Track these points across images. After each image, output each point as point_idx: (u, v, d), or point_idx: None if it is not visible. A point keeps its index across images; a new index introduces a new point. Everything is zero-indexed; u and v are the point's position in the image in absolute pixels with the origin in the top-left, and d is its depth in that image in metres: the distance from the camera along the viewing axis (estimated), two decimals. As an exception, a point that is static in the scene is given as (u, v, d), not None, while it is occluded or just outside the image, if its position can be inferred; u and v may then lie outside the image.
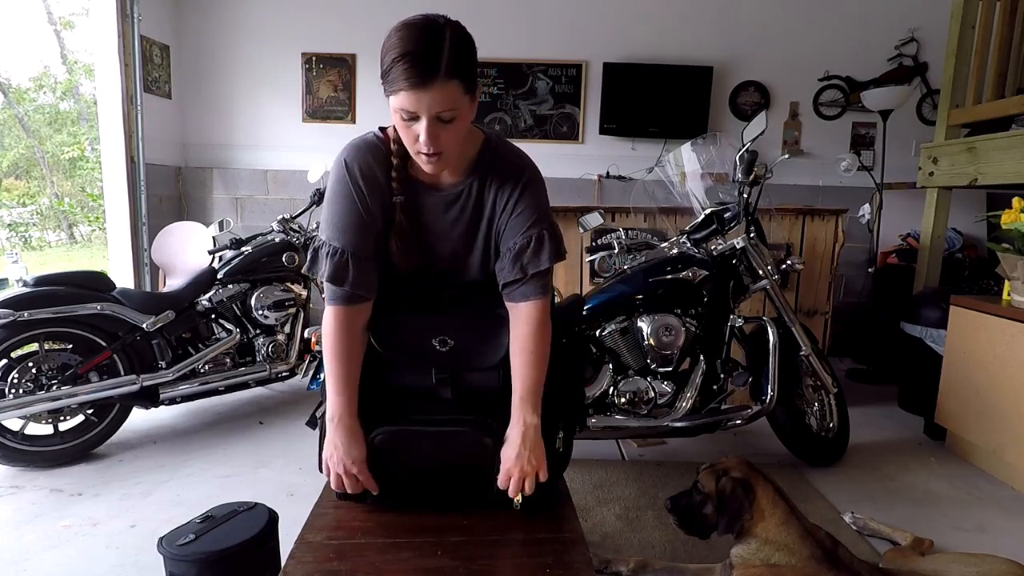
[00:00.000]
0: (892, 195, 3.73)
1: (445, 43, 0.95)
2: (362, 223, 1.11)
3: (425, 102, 0.96)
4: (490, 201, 1.15)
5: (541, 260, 1.12)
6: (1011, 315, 2.20)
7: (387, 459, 1.08)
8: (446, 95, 0.96)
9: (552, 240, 1.14)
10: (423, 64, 0.94)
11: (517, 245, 1.12)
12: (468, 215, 1.16)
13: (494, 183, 1.14)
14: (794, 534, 1.31)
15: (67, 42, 11.03)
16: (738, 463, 1.44)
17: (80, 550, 1.73)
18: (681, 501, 1.46)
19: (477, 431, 1.08)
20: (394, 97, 0.97)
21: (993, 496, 2.16)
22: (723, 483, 1.40)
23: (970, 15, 2.99)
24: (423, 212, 1.16)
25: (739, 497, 1.36)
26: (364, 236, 1.12)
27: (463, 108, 1.00)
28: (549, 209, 1.18)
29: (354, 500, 1.13)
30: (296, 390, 3.15)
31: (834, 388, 2.34)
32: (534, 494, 1.09)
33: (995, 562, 1.38)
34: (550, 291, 1.18)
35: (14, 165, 10.50)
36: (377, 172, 1.11)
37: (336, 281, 1.10)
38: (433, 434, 1.08)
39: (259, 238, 2.83)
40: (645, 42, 3.95)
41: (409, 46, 0.94)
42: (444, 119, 0.99)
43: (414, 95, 0.95)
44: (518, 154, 1.18)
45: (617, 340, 2.16)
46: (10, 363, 2.20)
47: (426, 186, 1.15)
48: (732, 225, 2.24)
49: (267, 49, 4.00)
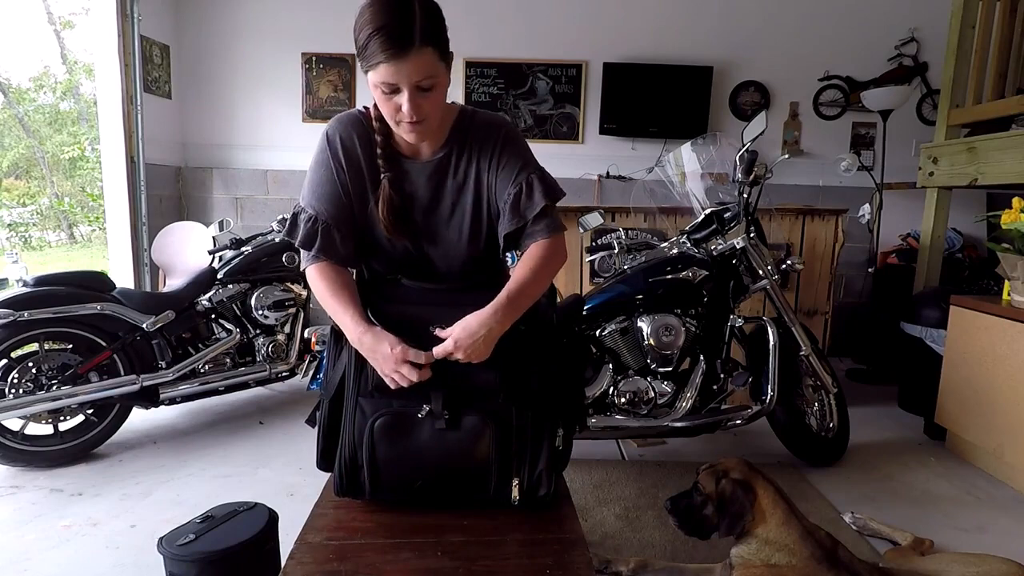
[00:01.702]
0: (892, 195, 3.73)
1: (416, 12, 0.98)
2: (336, 194, 1.16)
3: (405, 72, 0.99)
4: (474, 164, 1.18)
5: (535, 201, 1.15)
6: (1011, 315, 2.20)
7: (386, 444, 1.08)
8: (424, 63, 0.99)
9: (542, 181, 1.17)
10: (398, 35, 0.97)
11: (511, 195, 1.16)
12: (451, 181, 1.19)
13: (474, 147, 1.17)
14: (794, 534, 1.31)
15: (67, 42, 11.05)
16: (738, 464, 1.44)
17: (80, 550, 1.73)
18: (681, 502, 1.46)
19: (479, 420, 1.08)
20: (373, 72, 1.00)
21: (993, 496, 2.16)
22: (723, 485, 1.40)
23: (970, 15, 2.99)
24: (407, 184, 1.18)
25: (740, 499, 1.36)
26: (339, 207, 1.16)
27: (440, 75, 1.04)
28: (532, 156, 1.21)
29: (353, 497, 1.12)
30: (296, 390, 3.15)
31: (834, 388, 2.34)
32: (532, 493, 1.09)
33: (995, 562, 1.38)
34: (560, 229, 1.19)
35: (14, 165, 10.51)
36: (358, 147, 1.16)
37: (307, 246, 1.15)
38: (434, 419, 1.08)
39: (259, 238, 2.83)
40: (645, 42, 3.95)
41: (382, 19, 0.97)
42: (424, 87, 1.02)
43: (393, 66, 0.98)
44: (492, 115, 1.22)
45: (617, 340, 2.16)
46: (10, 363, 2.20)
47: (407, 158, 1.18)
48: (732, 225, 2.24)
49: (267, 49, 4.00)
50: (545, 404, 1.12)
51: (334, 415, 1.14)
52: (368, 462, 1.09)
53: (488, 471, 1.09)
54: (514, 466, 1.10)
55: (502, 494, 1.10)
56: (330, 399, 1.15)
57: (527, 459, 1.11)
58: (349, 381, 1.12)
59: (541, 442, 1.12)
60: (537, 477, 1.10)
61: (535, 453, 1.11)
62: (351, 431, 1.10)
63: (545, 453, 1.11)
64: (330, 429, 1.14)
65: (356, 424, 1.10)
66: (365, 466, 1.09)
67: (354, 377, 1.11)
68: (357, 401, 1.11)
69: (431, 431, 1.08)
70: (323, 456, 1.16)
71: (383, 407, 1.09)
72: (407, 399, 1.08)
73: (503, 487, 1.10)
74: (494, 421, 1.09)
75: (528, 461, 1.11)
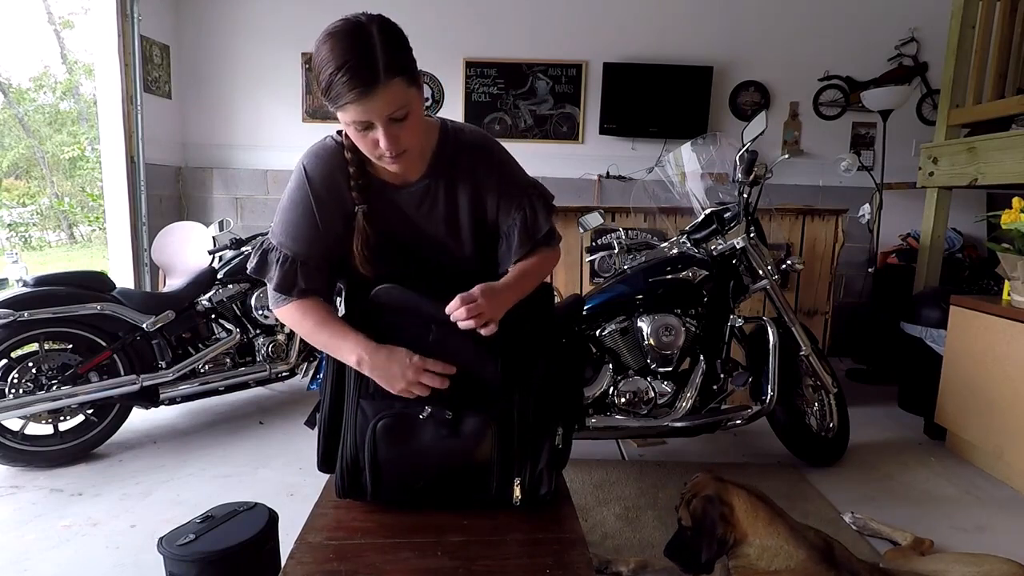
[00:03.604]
0: (892, 195, 3.73)
1: (376, 45, 0.93)
2: (316, 235, 1.12)
3: (376, 108, 0.95)
4: (468, 186, 1.16)
5: (540, 223, 1.19)
6: (1011, 315, 2.20)
7: (388, 446, 1.08)
8: (393, 95, 0.96)
9: (541, 198, 1.20)
10: (362, 73, 0.92)
11: (517, 221, 1.17)
12: (443, 205, 1.16)
13: (466, 169, 1.15)
14: (784, 534, 1.29)
15: (67, 42, 11.05)
16: (706, 481, 1.40)
17: (80, 550, 1.73)
18: (675, 544, 1.41)
19: (481, 420, 1.08)
20: (342, 112, 0.97)
21: (993, 496, 2.16)
22: (694, 506, 1.36)
23: (970, 15, 2.99)
24: (394, 212, 1.16)
25: (708, 514, 1.33)
26: (317, 247, 1.13)
27: (413, 102, 1.00)
28: (523, 170, 1.22)
29: (355, 498, 1.12)
30: (296, 390, 3.15)
31: (834, 388, 2.34)
32: (533, 492, 1.09)
33: (995, 562, 1.38)
34: (559, 239, 1.25)
35: (14, 165, 10.51)
36: (339, 178, 1.11)
37: (284, 290, 1.12)
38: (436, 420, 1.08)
39: (259, 238, 2.82)
40: (645, 42, 3.95)
41: (342, 57, 0.92)
42: (397, 118, 0.98)
43: (362, 106, 0.95)
44: (476, 133, 1.19)
45: (617, 340, 2.16)
46: (10, 363, 2.20)
47: (393, 187, 1.15)
48: (732, 225, 2.24)
49: (267, 49, 4.00)
50: (546, 400, 1.12)
51: (334, 418, 1.14)
52: (370, 464, 1.08)
53: (490, 471, 1.09)
54: (516, 466, 1.10)
55: (504, 494, 1.10)
56: (330, 401, 1.14)
57: (528, 457, 1.11)
58: (350, 383, 1.11)
59: (542, 440, 1.12)
60: (538, 476, 1.10)
61: (536, 451, 1.11)
62: (353, 433, 1.10)
63: (546, 451, 1.11)
64: (331, 431, 1.14)
65: (358, 426, 1.09)
66: (367, 468, 1.09)
67: (355, 379, 1.11)
68: (358, 403, 1.10)
69: (433, 432, 1.08)
70: (324, 459, 1.15)
71: (385, 409, 1.09)
72: (409, 401, 1.08)
73: (504, 487, 1.10)
74: (496, 422, 1.09)
75: (529, 459, 1.11)
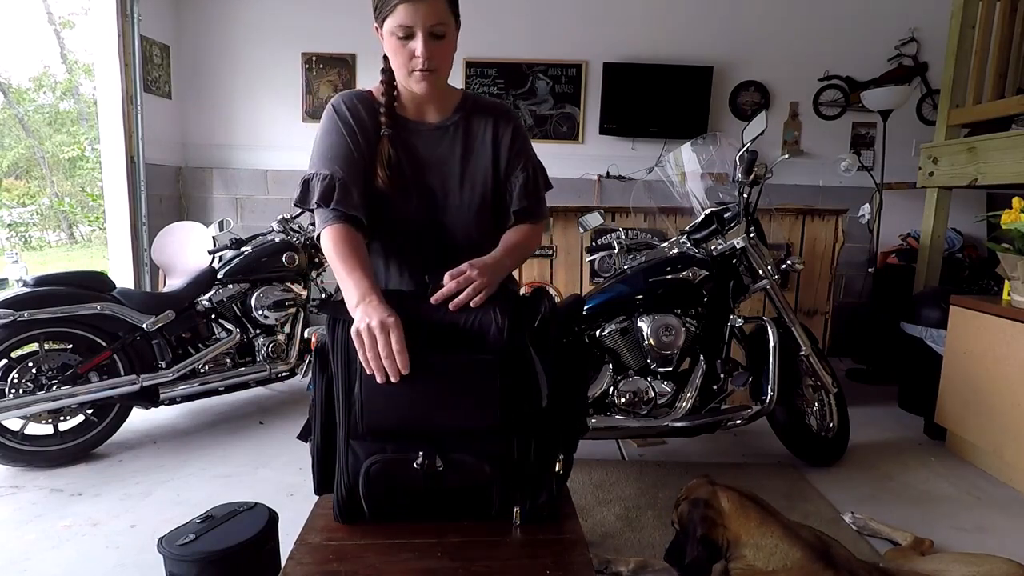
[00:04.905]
0: (892, 195, 3.73)
1: None
2: (349, 153, 1.19)
3: (421, 14, 1.07)
4: (489, 133, 1.26)
5: (540, 187, 1.31)
6: (1011, 315, 2.20)
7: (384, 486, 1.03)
8: (438, 9, 1.09)
9: (541, 170, 1.33)
10: None
11: (521, 178, 1.27)
12: (460, 148, 1.25)
13: (485, 119, 1.26)
14: (777, 533, 1.28)
15: (67, 42, 11.06)
16: (695, 485, 1.39)
17: (80, 550, 1.73)
18: (673, 550, 1.39)
19: (476, 460, 1.03)
20: (391, 16, 1.08)
21: (993, 496, 2.17)
22: (680, 510, 1.35)
23: (970, 15, 2.99)
24: (413, 147, 1.23)
25: (693, 518, 1.31)
26: (352, 164, 1.18)
27: (451, 26, 1.13)
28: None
29: (350, 521, 1.07)
30: (296, 390, 3.15)
31: (834, 388, 2.34)
32: (533, 510, 1.06)
33: (995, 562, 1.38)
34: (546, 216, 1.37)
35: (14, 165, 10.51)
36: (363, 112, 1.21)
37: (326, 201, 1.16)
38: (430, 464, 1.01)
39: (259, 238, 2.83)
40: (645, 42, 3.96)
41: None
42: (437, 34, 1.11)
43: (411, 7, 1.07)
44: (497, 101, 1.33)
45: (617, 340, 2.16)
46: (10, 363, 2.20)
47: (415, 123, 1.24)
48: (732, 225, 2.24)
49: (267, 49, 4.00)
50: (546, 433, 1.07)
51: (326, 450, 1.07)
52: (367, 498, 1.04)
53: (489, 504, 1.06)
54: (516, 496, 1.06)
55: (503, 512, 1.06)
56: (321, 435, 1.07)
57: (528, 495, 1.06)
58: (339, 417, 1.03)
59: (542, 474, 1.07)
60: (540, 504, 1.07)
61: (536, 486, 1.07)
62: (346, 470, 1.04)
63: (547, 483, 1.07)
64: (325, 458, 1.08)
65: (351, 465, 1.04)
66: (364, 501, 1.04)
67: (343, 415, 1.02)
68: (348, 443, 1.03)
69: (429, 476, 1.02)
70: (321, 485, 1.11)
71: (376, 451, 1.02)
72: (400, 445, 1.02)
73: (504, 512, 1.06)
74: (490, 461, 1.03)
75: (529, 496, 1.06)
